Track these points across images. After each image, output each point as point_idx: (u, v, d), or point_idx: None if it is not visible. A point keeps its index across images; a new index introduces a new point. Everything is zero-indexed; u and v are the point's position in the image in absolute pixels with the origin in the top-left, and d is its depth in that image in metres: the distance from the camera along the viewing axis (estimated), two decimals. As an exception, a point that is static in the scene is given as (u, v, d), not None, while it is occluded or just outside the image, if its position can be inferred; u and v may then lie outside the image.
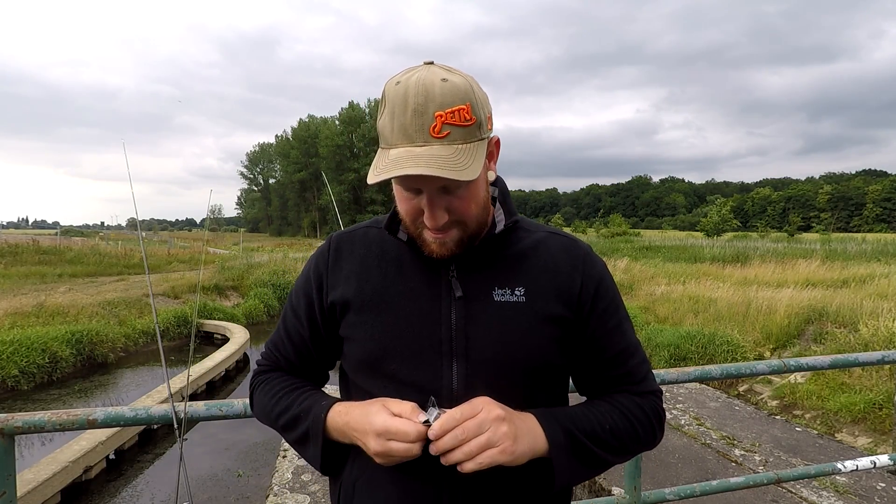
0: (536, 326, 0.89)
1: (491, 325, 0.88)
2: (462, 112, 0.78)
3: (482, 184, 0.86)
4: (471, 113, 0.79)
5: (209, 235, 62.35)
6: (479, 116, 0.80)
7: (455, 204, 0.83)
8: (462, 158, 0.78)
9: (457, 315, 0.88)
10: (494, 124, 0.88)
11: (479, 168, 0.79)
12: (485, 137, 0.83)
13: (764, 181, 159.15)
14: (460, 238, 0.86)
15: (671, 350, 8.69)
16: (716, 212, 46.45)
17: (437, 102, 0.78)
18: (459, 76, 0.81)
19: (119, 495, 5.18)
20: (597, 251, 1.03)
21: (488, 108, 0.85)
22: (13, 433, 1.40)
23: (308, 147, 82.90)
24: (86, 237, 46.22)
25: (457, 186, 0.81)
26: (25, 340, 8.35)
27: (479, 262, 0.91)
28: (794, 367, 2.17)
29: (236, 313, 13.27)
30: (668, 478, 4.28)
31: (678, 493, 1.96)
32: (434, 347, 0.87)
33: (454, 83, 0.79)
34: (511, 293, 0.89)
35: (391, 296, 0.90)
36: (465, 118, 0.79)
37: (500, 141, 0.90)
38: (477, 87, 0.83)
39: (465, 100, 0.79)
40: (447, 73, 0.81)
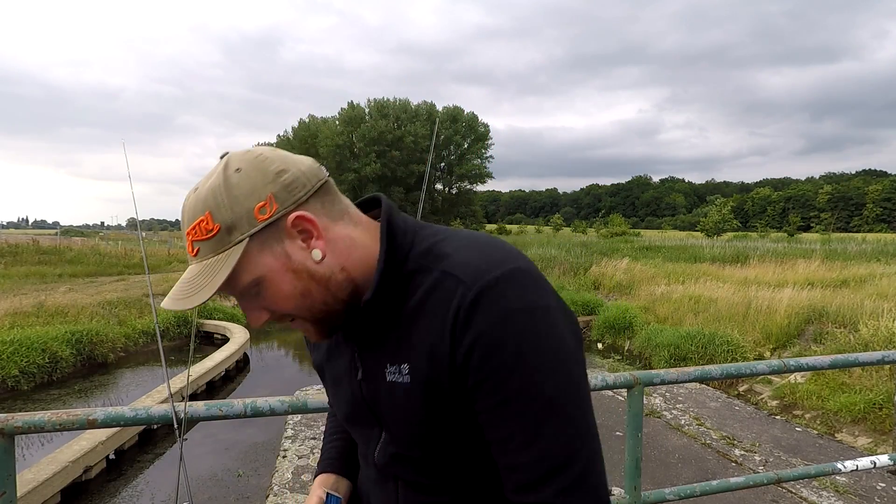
0: (426, 407, 0.77)
1: (390, 407, 0.81)
2: (202, 224, 0.72)
3: (283, 275, 0.76)
4: (212, 221, 0.72)
5: (209, 235, 62.23)
6: (224, 220, 0.72)
7: (267, 302, 0.77)
8: (200, 279, 0.72)
9: (365, 394, 0.84)
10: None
11: (220, 281, 0.71)
12: (242, 240, 0.73)
13: (764, 181, 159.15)
14: (315, 326, 0.81)
15: (671, 350, 8.70)
16: (716, 212, 46.41)
17: (187, 220, 0.74)
18: (215, 178, 0.74)
19: (119, 495, 5.17)
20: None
21: (253, 198, 0.73)
22: (13, 433, 1.40)
23: (308, 147, 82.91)
24: (86, 237, 46.23)
25: (253, 286, 0.75)
26: (25, 340, 8.34)
27: (374, 336, 0.82)
28: (794, 367, 2.17)
29: (236, 313, 13.27)
30: (668, 478, 4.28)
31: (678, 493, 1.96)
32: (364, 418, 0.87)
33: (199, 193, 0.74)
34: (398, 372, 0.79)
35: (332, 369, 0.92)
36: (206, 230, 0.72)
37: (300, 220, 0.75)
38: (230, 182, 0.73)
39: (205, 208, 0.72)
40: (207, 179, 0.75)
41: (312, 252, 0.76)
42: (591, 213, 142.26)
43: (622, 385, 1.91)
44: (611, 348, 10.83)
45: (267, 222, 0.73)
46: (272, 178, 0.74)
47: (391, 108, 77.81)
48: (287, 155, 0.80)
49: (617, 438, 4.85)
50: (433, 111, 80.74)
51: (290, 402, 1.61)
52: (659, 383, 1.99)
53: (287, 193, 0.74)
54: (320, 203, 0.77)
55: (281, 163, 0.76)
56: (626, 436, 1.91)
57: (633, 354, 10.08)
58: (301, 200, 0.75)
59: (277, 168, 0.74)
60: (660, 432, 5.30)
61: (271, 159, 0.76)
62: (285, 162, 0.76)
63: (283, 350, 12.00)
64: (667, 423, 5.57)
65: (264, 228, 0.73)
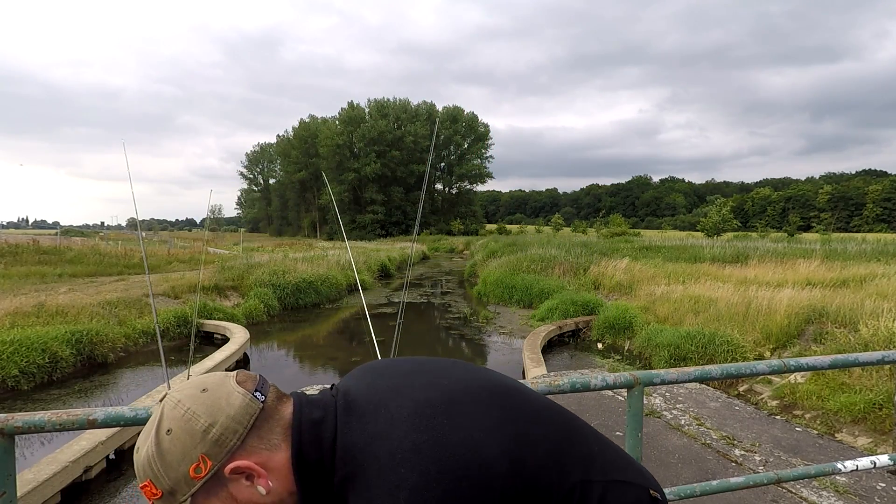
0: None
1: None
2: (147, 489, 0.79)
3: None
4: (154, 487, 0.79)
5: (209, 235, 62.32)
6: (164, 487, 0.78)
7: None
8: None
9: None
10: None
11: None
12: (185, 499, 0.79)
13: (764, 181, 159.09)
14: None
15: (671, 350, 8.69)
16: (716, 212, 46.42)
17: (138, 479, 0.81)
18: (150, 444, 0.79)
19: (119, 495, 5.17)
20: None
21: (185, 462, 0.78)
22: (13, 433, 1.40)
23: (308, 147, 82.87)
24: (86, 237, 46.22)
25: None
26: (25, 340, 8.34)
27: None
28: (794, 367, 2.17)
29: (236, 313, 13.27)
30: (668, 478, 4.28)
31: (678, 493, 1.96)
32: None
33: (140, 458, 0.80)
34: None
35: None
36: (152, 493, 0.79)
37: (236, 468, 0.80)
38: (161, 449, 0.79)
39: (146, 476, 0.79)
40: (146, 438, 0.81)
41: (257, 488, 0.81)
42: (591, 213, 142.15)
43: (622, 385, 1.91)
44: (611, 348, 10.84)
45: (205, 479, 0.79)
46: (200, 438, 0.78)
47: (391, 108, 77.88)
48: (215, 402, 0.82)
49: (617, 438, 4.85)
50: (433, 111, 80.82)
51: (290, 402, 1.61)
52: (659, 383, 1.99)
53: (218, 448, 0.79)
54: (257, 437, 0.81)
55: (207, 417, 0.79)
56: (626, 436, 1.91)
57: (633, 354, 10.08)
58: (234, 448, 0.79)
59: (204, 425, 0.78)
60: (660, 432, 5.30)
61: (198, 415, 0.79)
62: (213, 414, 0.79)
63: (284, 350, 12.01)
64: (667, 423, 5.57)
65: (205, 482, 0.79)
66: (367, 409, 0.85)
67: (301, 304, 16.32)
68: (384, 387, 0.89)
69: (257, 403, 0.83)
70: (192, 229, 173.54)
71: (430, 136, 73.46)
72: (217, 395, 0.82)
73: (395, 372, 0.95)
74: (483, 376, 0.97)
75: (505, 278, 17.88)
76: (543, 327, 11.57)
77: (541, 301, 14.72)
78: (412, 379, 0.91)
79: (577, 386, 1.86)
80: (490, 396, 0.91)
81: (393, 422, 0.82)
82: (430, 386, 0.89)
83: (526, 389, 0.99)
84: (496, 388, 0.94)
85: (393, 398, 0.86)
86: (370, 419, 0.83)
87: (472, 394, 0.89)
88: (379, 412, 0.84)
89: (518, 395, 0.95)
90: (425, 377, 0.92)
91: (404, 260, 30.51)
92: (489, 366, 10.31)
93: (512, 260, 21.01)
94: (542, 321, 12.77)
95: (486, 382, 0.94)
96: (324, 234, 79.79)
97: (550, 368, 8.85)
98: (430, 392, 0.87)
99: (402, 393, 0.87)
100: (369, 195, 74.61)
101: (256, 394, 0.83)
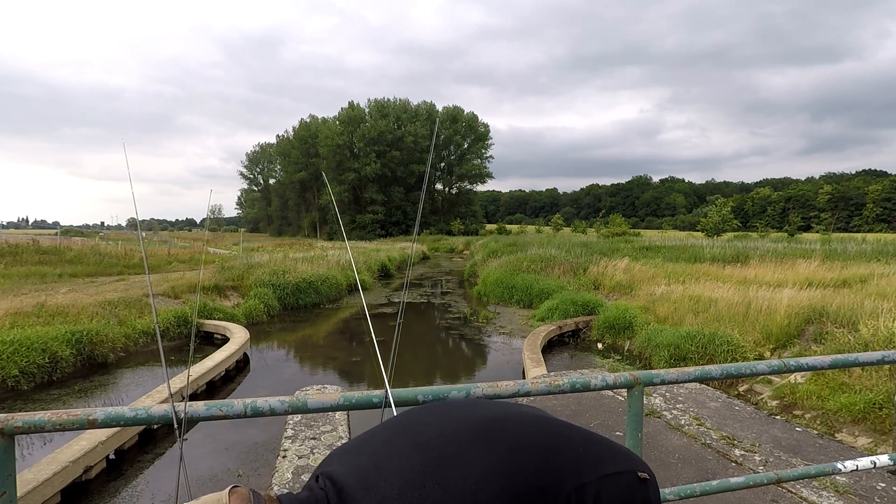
0: None
1: None
2: None
3: None
4: None
5: (209, 235, 62.32)
6: None
7: None
8: None
9: None
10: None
11: None
12: None
13: (764, 181, 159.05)
14: None
15: (671, 350, 8.69)
16: (716, 212, 46.43)
17: None
18: None
19: (119, 495, 5.17)
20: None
21: None
22: (13, 433, 1.40)
23: (309, 147, 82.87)
24: (86, 237, 46.21)
25: None
26: (25, 340, 8.34)
27: None
28: (794, 367, 2.17)
29: (236, 313, 13.27)
30: (668, 478, 4.28)
31: (678, 493, 1.96)
32: None
33: None
34: None
35: None
36: None
37: None
38: None
39: None
40: None
41: None
42: (591, 213, 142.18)
43: (622, 385, 1.91)
44: (611, 348, 10.84)
45: None
46: None
47: (391, 108, 77.89)
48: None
49: (617, 438, 4.85)
50: (433, 111, 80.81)
51: (290, 402, 1.61)
52: (659, 383, 1.99)
53: None
54: None
55: None
56: (626, 436, 1.91)
57: (633, 354, 10.08)
58: None
59: None
60: (660, 432, 5.30)
61: None
62: None
63: (284, 350, 12.01)
64: (667, 423, 5.57)
65: None
66: (357, 496, 0.86)
67: (301, 304, 16.32)
68: (368, 466, 0.90)
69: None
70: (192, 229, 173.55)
71: (430, 136, 73.43)
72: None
73: (374, 448, 0.95)
74: (461, 418, 0.98)
75: (505, 278, 17.88)
76: (543, 327, 11.57)
77: (541, 301, 14.72)
78: (392, 449, 0.92)
79: (577, 386, 1.86)
80: (474, 439, 0.92)
81: (385, 502, 0.82)
82: (412, 451, 0.90)
83: (506, 412, 1.00)
84: (477, 427, 0.95)
85: (379, 476, 0.87)
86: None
87: (456, 443, 0.90)
88: (369, 496, 0.84)
89: (498, 426, 0.96)
90: (404, 442, 0.93)
91: (404, 260, 30.51)
92: (489, 366, 10.37)
93: (512, 260, 21.01)
94: (542, 321, 12.77)
95: (466, 424, 0.96)
96: (324, 234, 79.76)
97: (550, 368, 8.85)
98: (413, 459, 0.88)
99: (387, 468, 0.88)
100: (369, 195, 74.59)
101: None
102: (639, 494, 0.93)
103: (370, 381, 9.10)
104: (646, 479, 0.96)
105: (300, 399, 1.63)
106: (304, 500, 0.89)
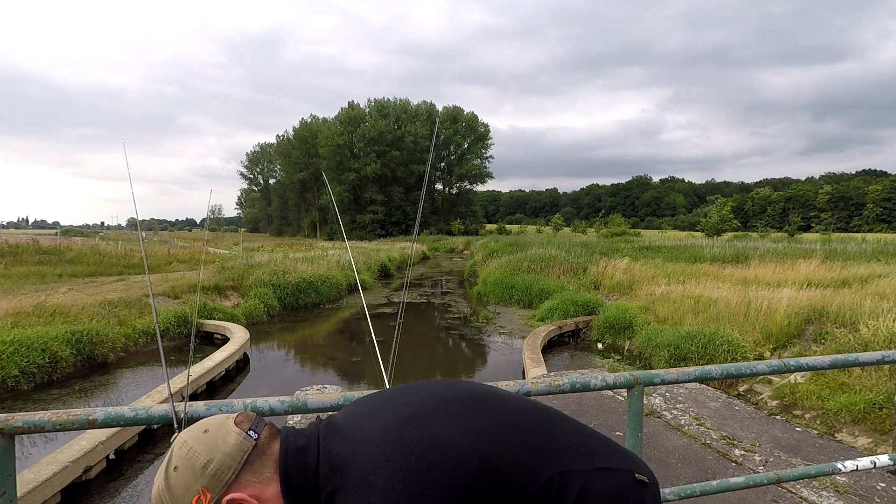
0: None
1: None
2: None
3: None
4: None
5: (209, 235, 62.32)
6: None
7: None
8: None
9: None
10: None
11: None
12: None
13: (764, 181, 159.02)
14: None
15: (671, 350, 8.69)
16: (716, 212, 46.48)
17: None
18: (162, 478, 0.91)
19: (119, 495, 5.18)
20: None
21: (189, 495, 0.89)
22: (13, 433, 1.40)
23: (309, 147, 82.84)
24: (86, 237, 46.20)
25: None
26: (25, 340, 8.34)
27: None
28: (794, 367, 2.18)
29: (236, 313, 13.27)
30: (668, 478, 4.28)
31: (678, 493, 1.96)
32: None
33: (154, 491, 0.91)
34: None
35: None
36: None
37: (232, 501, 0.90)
38: (169, 483, 0.90)
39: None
40: (162, 471, 0.92)
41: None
42: (591, 213, 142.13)
43: (622, 385, 1.91)
44: (611, 348, 10.83)
45: None
46: (200, 473, 0.89)
47: (391, 109, 77.85)
48: (213, 440, 0.92)
49: (617, 438, 4.84)
50: (433, 111, 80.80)
51: (290, 402, 1.61)
52: (659, 383, 1.99)
53: (216, 482, 0.89)
54: (251, 472, 0.91)
55: (206, 455, 0.90)
56: (626, 436, 1.91)
57: (633, 354, 10.08)
58: (230, 482, 0.89)
59: (203, 461, 0.89)
60: (660, 432, 5.30)
61: (198, 453, 0.90)
62: (211, 451, 0.90)
63: (284, 350, 12.01)
64: (667, 423, 5.56)
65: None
66: (345, 431, 0.94)
67: (301, 304, 16.32)
68: (363, 412, 0.99)
69: (250, 441, 0.93)
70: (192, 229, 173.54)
71: (430, 136, 73.43)
72: (215, 435, 0.92)
73: (374, 400, 1.04)
74: (459, 388, 1.05)
75: (505, 278, 17.88)
76: (543, 327, 11.57)
77: (541, 301, 14.72)
78: (388, 402, 1.00)
79: (577, 386, 1.86)
80: (462, 402, 0.98)
81: (366, 437, 0.91)
82: (403, 405, 0.98)
83: (504, 395, 1.06)
84: (470, 396, 1.01)
85: (368, 419, 0.95)
86: (347, 440, 0.92)
87: (444, 403, 0.97)
88: (355, 432, 0.93)
89: (493, 400, 1.02)
90: (401, 399, 1.01)
91: (404, 260, 30.51)
92: (489, 366, 10.37)
93: (512, 260, 21.01)
94: (542, 321, 12.77)
95: (460, 392, 1.02)
96: (324, 234, 79.74)
97: (550, 368, 8.85)
98: (402, 409, 0.96)
99: (378, 413, 0.96)
100: (369, 195, 74.57)
101: (250, 432, 0.94)
102: (633, 495, 0.94)
103: (370, 381, 9.10)
104: (644, 482, 0.96)
105: (300, 399, 1.63)
106: (300, 431, 0.98)
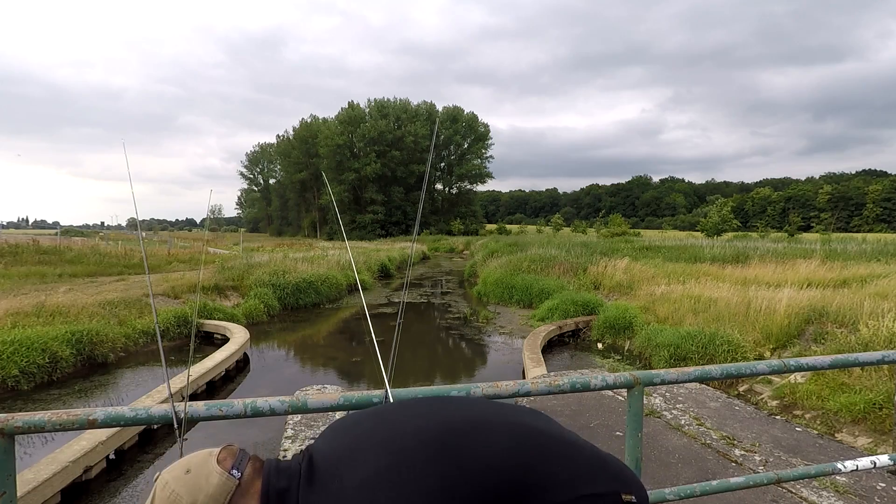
0: None
1: None
2: None
3: None
4: None
5: (209, 235, 62.32)
6: None
7: None
8: None
9: None
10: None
11: None
12: None
13: (764, 181, 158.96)
14: None
15: (671, 350, 8.69)
16: (716, 212, 46.42)
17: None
18: None
19: (119, 495, 5.17)
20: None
21: None
22: (13, 433, 1.40)
23: (309, 147, 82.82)
24: (86, 237, 46.20)
25: None
26: (25, 340, 8.34)
27: None
28: (794, 367, 2.18)
29: (236, 313, 13.26)
30: (668, 478, 4.27)
31: (678, 493, 1.96)
32: None
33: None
34: None
35: None
36: None
37: None
38: None
39: None
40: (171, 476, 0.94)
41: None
42: (591, 213, 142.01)
43: (622, 385, 1.91)
44: (611, 348, 10.83)
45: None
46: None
47: (391, 109, 77.83)
48: (196, 482, 0.94)
49: (617, 438, 4.84)
50: (433, 111, 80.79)
51: (290, 402, 1.61)
52: (659, 383, 1.99)
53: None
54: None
55: (189, 497, 0.91)
56: (626, 436, 1.91)
57: (633, 354, 10.08)
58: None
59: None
60: (660, 432, 5.30)
61: (181, 496, 0.91)
62: (193, 494, 0.91)
63: (284, 350, 12.01)
64: (667, 423, 5.56)
65: None
66: (324, 478, 0.94)
67: (301, 304, 16.32)
68: (344, 452, 0.98)
69: (233, 481, 0.94)
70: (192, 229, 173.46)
71: (430, 136, 73.41)
72: (198, 475, 0.93)
73: (358, 431, 1.03)
74: (443, 418, 1.03)
75: (505, 278, 17.88)
76: (543, 327, 11.57)
77: (541, 301, 14.72)
78: (371, 438, 0.99)
79: (577, 386, 1.86)
80: (440, 443, 0.96)
81: (342, 493, 0.91)
82: (383, 450, 0.96)
83: (491, 422, 1.03)
84: (451, 430, 0.99)
85: (348, 467, 0.94)
86: (325, 491, 0.93)
87: (423, 445, 0.95)
88: (332, 483, 0.93)
89: (474, 436, 0.99)
90: (384, 432, 1.00)
91: (404, 260, 30.51)
92: (489, 366, 10.37)
93: (512, 260, 21.01)
94: (542, 321, 12.77)
95: (444, 425, 1.00)
96: (324, 234, 79.72)
97: (550, 368, 8.85)
98: (381, 457, 0.95)
99: (358, 458, 0.95)
100: (369, 195, 74.55)
101: (233, 471, 0.95)
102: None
103: (370, 380, 9.10)
104: (631, 502, 0.95)
105: (300, 399, 1.63)
106: (283, 469, 0.98)
